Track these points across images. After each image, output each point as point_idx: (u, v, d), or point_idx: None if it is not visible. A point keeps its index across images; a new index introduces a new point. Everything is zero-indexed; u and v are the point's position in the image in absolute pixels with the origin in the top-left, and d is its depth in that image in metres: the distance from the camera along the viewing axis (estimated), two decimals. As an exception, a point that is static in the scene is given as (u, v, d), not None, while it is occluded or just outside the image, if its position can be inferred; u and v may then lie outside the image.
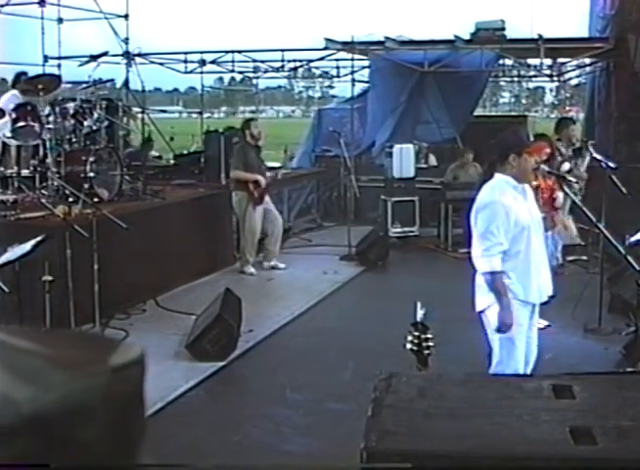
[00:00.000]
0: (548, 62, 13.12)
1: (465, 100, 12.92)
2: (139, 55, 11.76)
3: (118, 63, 10.65)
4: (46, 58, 11.40)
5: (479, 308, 4.31)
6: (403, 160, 10.68)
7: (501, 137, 4.38)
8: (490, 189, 4.19)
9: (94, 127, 8.11)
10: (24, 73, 8.42)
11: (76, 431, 0.90)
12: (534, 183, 4.35)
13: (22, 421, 0.84)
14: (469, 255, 4.44)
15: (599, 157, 6.77)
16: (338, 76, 15.99)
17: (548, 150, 6.44)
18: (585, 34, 13.29)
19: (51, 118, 7.41)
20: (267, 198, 9.16)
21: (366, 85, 14.20)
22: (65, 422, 0.89)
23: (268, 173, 9.18)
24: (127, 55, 10.06)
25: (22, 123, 7.23)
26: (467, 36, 12.83)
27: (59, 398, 0.88)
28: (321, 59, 14.41)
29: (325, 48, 13.48)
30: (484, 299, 4.25)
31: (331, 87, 43.50)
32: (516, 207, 4.16)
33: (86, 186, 7.39)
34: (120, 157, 8.36)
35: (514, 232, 4.17)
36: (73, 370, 0.94)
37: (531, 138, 4.45)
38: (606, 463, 1.96)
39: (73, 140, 7.90)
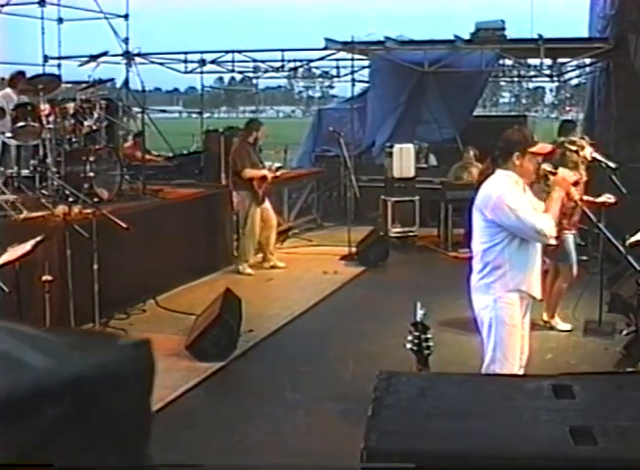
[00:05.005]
0: (548, 62, 13.12)
1: (465, 100, 12.92)
2: (139, 55, 11.75)
3: (118, 63, 10.64)
4: (46, 58, 11.40)
5: (477, 307, 4.29)
6: (403, 160, 10.68)
7: (506, 134, 4.29)
8: (497, 183, 4.17)
9: (94, 127, 8.11)
10: (22, 73, 8.41)
11: (112, 398, 1.02)
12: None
13: (64, 385, 0.95)
14: (469, 255, 4.43)
15: (599, 157, 6.76)
16: (338, 76, 16.01)
17: (550, 149, 6.41)
18: (585, 34, 13.29)
19: (51, 118, 7.40)
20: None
21: (366, 85, 14.21)
22: (101, 388, 1.00)
23: (266, 171, 9.11)
24: (127, 55, 10.05)
25: (21, 123, 7.24)
26: (467, 36, 12.84)
27: (95, 365, 1.00)
28: (321, 59, 14.41)
29: (325, 48, 13.49)
30: (482, 298, 4.23)
31: (331, 87, 43.60)
32: (520, 201, 4.14)
33: (86, 186, 7.39)
34: (120, 157, 8.37)
35: None
36: (90, 350, 1.07)
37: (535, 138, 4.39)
38: (606, 463, 1.96)
39: (73, 140, 7.91)
